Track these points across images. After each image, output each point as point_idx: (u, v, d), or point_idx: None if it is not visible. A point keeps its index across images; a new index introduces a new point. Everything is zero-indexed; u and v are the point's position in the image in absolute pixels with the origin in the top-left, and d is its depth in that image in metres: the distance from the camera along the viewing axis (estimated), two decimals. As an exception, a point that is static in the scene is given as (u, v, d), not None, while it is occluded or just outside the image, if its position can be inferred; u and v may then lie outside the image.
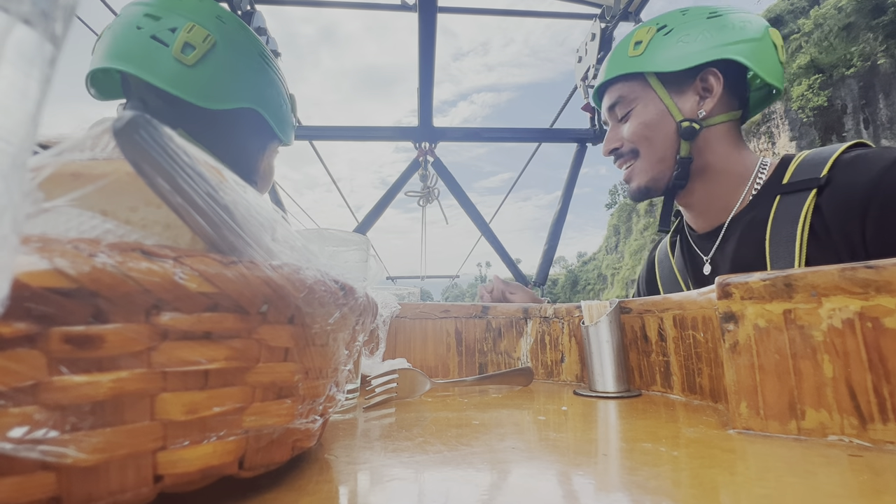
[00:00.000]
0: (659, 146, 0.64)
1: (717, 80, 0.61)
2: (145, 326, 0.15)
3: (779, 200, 0.57)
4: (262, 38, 1.58)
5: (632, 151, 0.66)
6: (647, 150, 0.65)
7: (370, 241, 0.44)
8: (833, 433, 0.27)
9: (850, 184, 0.52)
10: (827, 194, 0.54)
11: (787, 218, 0.56)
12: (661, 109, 0.64)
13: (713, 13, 0.63)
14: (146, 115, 0.14)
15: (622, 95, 0.67)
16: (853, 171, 0.53)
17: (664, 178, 0.65)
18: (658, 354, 0.47)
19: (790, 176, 0.58)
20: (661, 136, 0.63)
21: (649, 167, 0.65)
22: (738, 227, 0.62)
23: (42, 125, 0.13)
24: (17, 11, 0.12)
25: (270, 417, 0.18)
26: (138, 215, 0.18)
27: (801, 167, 0.58)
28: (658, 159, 0.64)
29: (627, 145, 0.66)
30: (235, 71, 0.59)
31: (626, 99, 0.66)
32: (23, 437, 0.13)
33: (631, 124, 0.65)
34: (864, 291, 0.26)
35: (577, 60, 1.86)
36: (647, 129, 0.64)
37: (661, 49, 0.63)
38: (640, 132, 0.64)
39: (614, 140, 0.68)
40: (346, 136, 1.98)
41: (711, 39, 0.61)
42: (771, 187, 0.60)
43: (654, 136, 0.64)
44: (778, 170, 0.61)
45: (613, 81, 0.68)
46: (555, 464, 0.24)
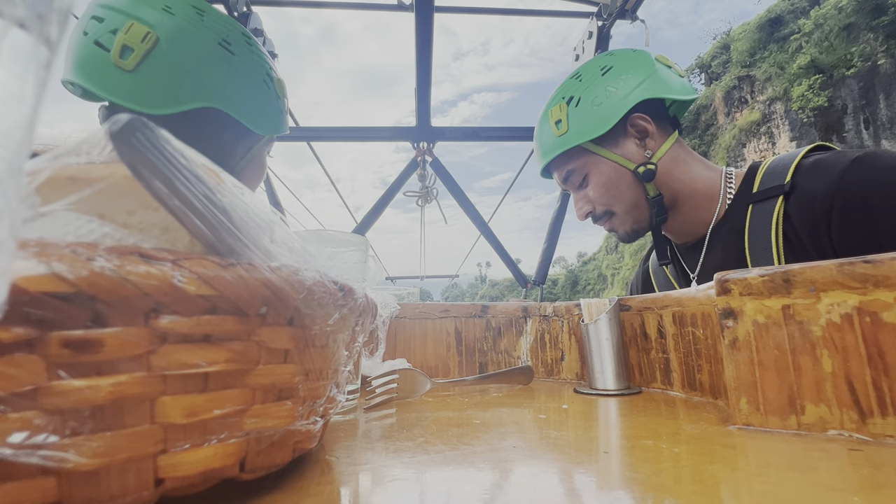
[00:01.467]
0: (628, 197, 0.67)
1: (645, 120, 0.65)
2: (144, 330, 0.15)
3: (751, 209, 0.60)
4: (259, 40, 1.58)
5: (605, 213, 0.69)
6: (619, 206, 0.68)
7: (369, 241, 0.44)
8: (833, 428, 0.27)
9: (811, 190, 0.54)
10: (793, 200, 0.56)
11: (760, 226, 0.58)
12: (613, 166, 0.66)
13: (604, 67, 0.66)
14: (142, 118, 0.14)
15: (571, 168, 0.69)
16: (813, 177, 0.55)
17: (645, 219, 0.68)
18: (658, 351, 0.47)
19: (758, 184, 0.61)
20: (625, 188, 0.66)
21: (627, 217, 0.68)
22: (718, 238, 0.64)
23: (38, 129, 0.13)
24: (11, 15, 0.12)
25: (271, 419, 0.18)
26: (136, 218, 0.18)
27: (767, 174, 0.60)
28: (632, 207, 0.67)
29: (599, 208, 0.69)
30: (183, 69, 0.52)
31: (577, 170, 0.69)
32: (23, 442, 0.13)
33: (593, 190, 0.68)
34: (863, 286, 0.26)
35: (575, 59, 1.86)
36: (611, 188, 0.67)
37: (580, 119, 0.65)
38: (605, 194, 0.67)
39: (585, 205, 0.71)
40: (344, 137, 1.98)
41: (617, 92, 0.64)
42: (743, 197, 0.62)
43: (619, 192, 0.67)
44: (747, 178, 0.63)
45: (555, 161, 0.71)
46: (556, 462, 0.24)
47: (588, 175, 0.68)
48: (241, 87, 0.56)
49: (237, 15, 1.54)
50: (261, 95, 0.58)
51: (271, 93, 0.60)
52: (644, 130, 0.65)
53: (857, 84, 16.68)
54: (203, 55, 0.53)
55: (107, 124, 0.14)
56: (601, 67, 0.66)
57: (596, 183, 0.67)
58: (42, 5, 0.13)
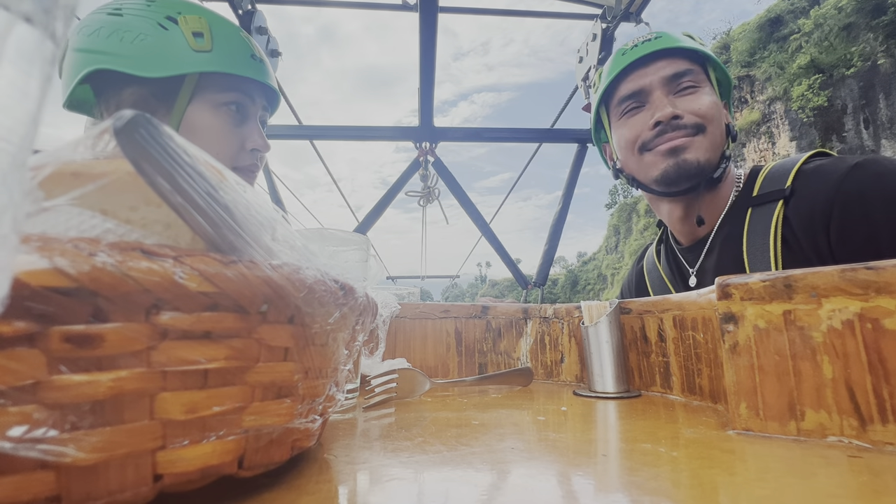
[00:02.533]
0: (719, 133, 0.63)
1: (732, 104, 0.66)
2: (145, 326, 0.15)
3: (750, 213, 0.60)
4: (263, 38, 1.57)
5: (696, 126, 0.62)
6: (712, 131, 0.62)
7: (370, 240, 0.44)
8: (832, 434, 0.27)
9: (811, 195, 0.54)
10: (792, 205, 0.56)
11: (759, 230, 0.58)
12: (720, 103, 0.64)
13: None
14: (146, 115, 0.14)
15: (691, 69, 0.64)
16: (813, 182, 0.55)
17: (713, 166, 0.62)
18: (658, 355, 0.47)
19: (758, 188, 0.61)
20: (721, 125, 0.63)
21: (711, 146, 0.62)
22: (718, 239, 0.64)
23: (42, 124, 0.13)
24: (17, 9, 0.12)
25: (270, 417, 0.18)
26: (138, 214, 0.18)
27: (768, 179, 0.60)
28: (717, 143, 0.63)
29: (692, 118, 0.62)
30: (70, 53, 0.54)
31: (695, 75, 0.63)
32: (22, 435, 0.13)
33: (702, 100, 0.62)
34: (864, 292, 0.26)
35: (578, 61, 1.86)
36: (717, 111, 0.63)
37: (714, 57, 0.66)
38: (713, 111, 0.62)
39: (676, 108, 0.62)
40: (346, 136, 1.98)
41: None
42: (743, 200, 0.62)
43: (719, 122, 0.63)
44: (748, 182, 0.63)
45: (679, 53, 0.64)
46: (554, 464, 0.24)
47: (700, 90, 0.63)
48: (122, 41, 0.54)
49: (241, 13, 1.54)
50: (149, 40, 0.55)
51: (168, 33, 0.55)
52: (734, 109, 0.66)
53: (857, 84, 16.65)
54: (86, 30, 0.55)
55: (111, 120, 0.14)
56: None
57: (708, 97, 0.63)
58: (48, 0, 0.13)
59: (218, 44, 0.58)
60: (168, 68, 0.55)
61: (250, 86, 0.61)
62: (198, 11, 0.58)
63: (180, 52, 0.55)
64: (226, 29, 0.59)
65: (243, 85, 0.60)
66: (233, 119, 0.61)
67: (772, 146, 19.86)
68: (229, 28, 0.60)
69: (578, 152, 2.05)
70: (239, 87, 0.60)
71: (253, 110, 0.63)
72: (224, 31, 0.59)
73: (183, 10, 0.57)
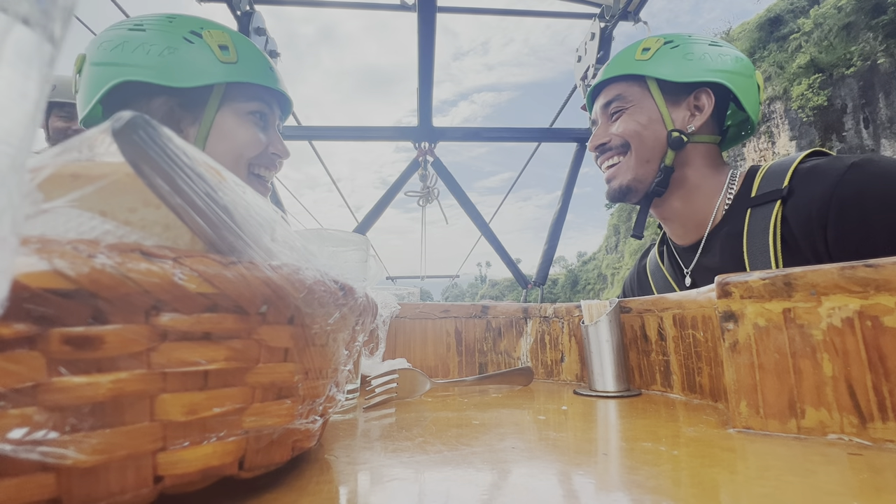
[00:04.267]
0: (648, 147, 0.66)
1: (709, 99, 0.65)
2: (145, 327, 0.15)
3: (750, 213, 0.60)
4: (262, 39, 1.57)
5: (622, 146, 0.68)
6: (637, 147, 0.67)
7: (370, 241, 0.43)
8: (833, 432, 0.27)
9: (808, 195, 0.55)
10: (790, 205, 0.57)
11: (758, 230, 0.58)
12: (656, 115, 0.66)
13: (714, 43, 0.68)
14: (145, 116, 0.14)
15: (620, 94, 0.69)
16: (810, 182, 0.56)
17: (646, 181, 0.67)
18: (658, 354, 0.47)
19: (757, 188, 0.61)
20: (652, 138, 0.66)
21: (635, 166, 0.67)
22: (716, 240, 0.65)
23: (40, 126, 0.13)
24: (15, 11, 0.12)
25: (270, 418, 0.18)
26: (137, 216, 0.18)
27: (766, 179, 0.61)
28: (645, 160, 0.67)
29: (617, 140, 0.68)
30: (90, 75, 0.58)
31: (624, 98, 0.68)
32: (23, 438, 0.13)
33: (624, 121, 0.67)
34: (864, 290, 0.26)
35: (577, 60, 1.86)
36: (641, 127, 0.66)
37: (666, 59, 0.66)
38: (633, 129, 0.66)
39: (603, 136, 0.70)
40: (345, 136, 1.98)
41: (712, 63, 0.65)
42: (741, 200, 0.63)
43: (645, 137, 0.66)
44: (746, 182, 0.64)
45: (614, 80, 0.70)
46: (555, 463, 0.24)
47: (628, 109, 0.68)
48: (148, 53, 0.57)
49: (240, 14, 1.54)
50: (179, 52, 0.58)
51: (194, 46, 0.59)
52: (701, 107, 0.66)
53: (857, 83, 16.63)
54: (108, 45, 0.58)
55: (110, 121, 0.14)
56: (711, 42, 0.68)
57: (631, 117, 0.67)
58: (46, 2, 0.13)
59: (242, 56, 0.62)
60: (197, 79, 0.58)
61: (270, 95, 0.65)
62: (219, 27, 0.63)
63: (208, 64, 0.59)
64: (246, 43, 0.64)
65: (265, 94, 0.64)
66: (257, 126, 0.64)
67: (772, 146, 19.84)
68: (248, 43, 0.65)
69: (577, 152, 2.05)
70: (261, 96, 0.64)
71: (272, 118, 0.67)
72: (245, 45, 0.64)
73: (205, 25, 0.61)
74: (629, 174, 0.67)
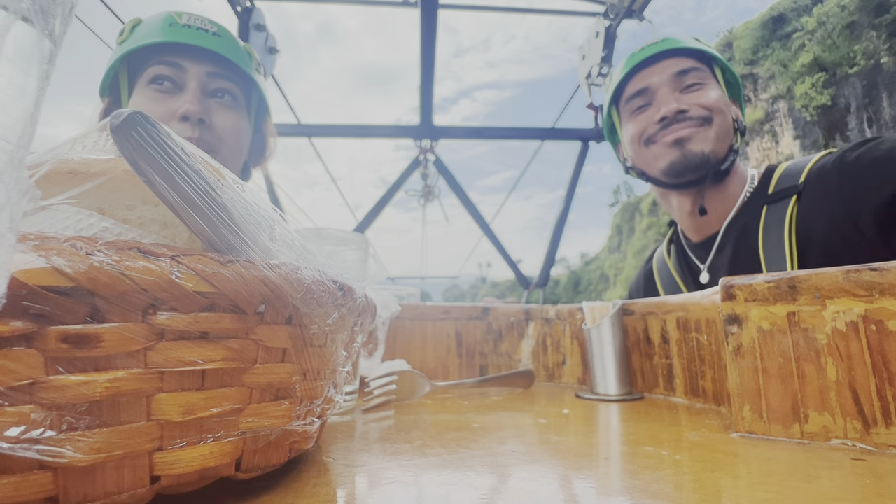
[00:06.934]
0: (727, 125, 0.65)
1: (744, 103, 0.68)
2: (142, 326, 0.15)
3: (766, 210, 0.61)
4: (262, 35, 1.57)
5: (703, 118, 0.64)
6: (719, 122, 0.64)
7: (370, 240, 0.43)
8: (836, 437, 0.26)
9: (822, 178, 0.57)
10: (805, 198, 0.58)
11: (774, 226, 0.59)
12: (727, 99, 0.67)
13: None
14: (143, 113, 0.14)
15: (696, 67, 0.67)
16: (823, 168, 0.58)
17: (720, 157, 0.64)
18: (661, 357, 0.46)
19: (774, 186, 0.62)
20: (727, 118, 0.66)
21: (717, 138, 0.64)
22: (731, 235, 0.65)
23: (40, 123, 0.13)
24: (15, 8, 0.12)
25: (268, 419, 0.18)
26: (135, 213, 0.18)
27: (783, 177, 0.62)
28: (724, 135, 0.65)
29: (699, 111, 0.64)
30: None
31: (701, 72, 0.66)
32: (20, 436, 0.12)
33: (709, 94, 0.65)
34: (869, 294, 0.26)
35: (581, 58, 1.86)
36: (724, 104, 0.65)
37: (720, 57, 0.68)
38: (719, 104, 0.65)
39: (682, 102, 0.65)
40: (347, 134, 1.99)
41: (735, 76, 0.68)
42: (758, 197, 0.63)
43: (726, 114, 0.65)
44: (763, 180, 0.65)
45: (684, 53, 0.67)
46: (556, 467, 0.23)
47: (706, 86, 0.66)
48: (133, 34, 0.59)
49: (240, 10, 1.55)
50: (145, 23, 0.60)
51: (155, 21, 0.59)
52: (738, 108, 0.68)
53: (861, 82, 16.54)
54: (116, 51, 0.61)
55: (108, 119, 0.14)
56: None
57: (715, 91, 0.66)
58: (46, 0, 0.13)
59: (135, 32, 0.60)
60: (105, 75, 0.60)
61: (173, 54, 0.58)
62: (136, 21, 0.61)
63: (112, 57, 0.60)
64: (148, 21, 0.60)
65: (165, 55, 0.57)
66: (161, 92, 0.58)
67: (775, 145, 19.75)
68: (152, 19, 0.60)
69: (581, 150, 2.05)
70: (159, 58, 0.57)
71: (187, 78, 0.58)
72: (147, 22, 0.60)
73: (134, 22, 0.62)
74: (710, 144, 0.63)
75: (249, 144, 0.68)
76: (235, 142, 0.62)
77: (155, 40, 0.56)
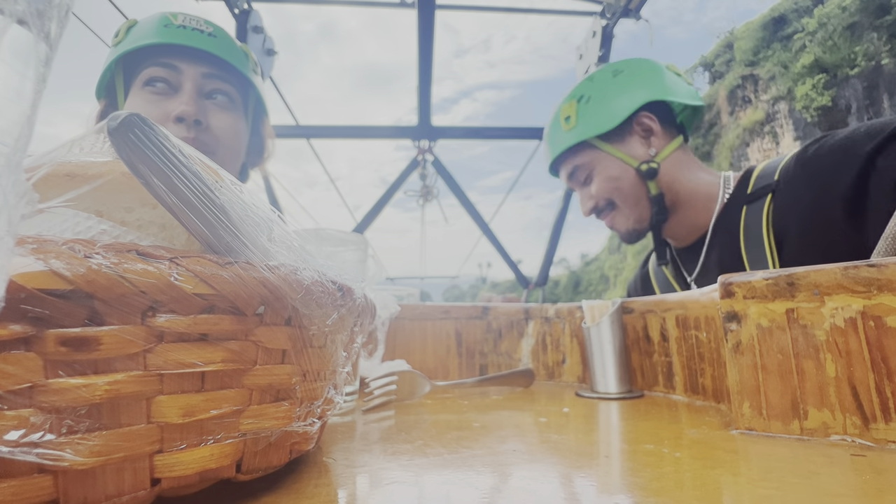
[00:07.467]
0: (630, 193, 0.68)
1: (650, 119, 0.67)
2: (141, 328, 0.15)
3: (745, 210, 0.62)
4: (259, 37, 1.57)
5: (608, 204, 0.71)
6: (621, 200, 0.69)
7: (369, 240, 0.43)
8: (836, 433, 0.26)
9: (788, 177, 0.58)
10: (778, 195, 0.58)
11: (753, 225, 0.60)
12: (617, 162, 0.69)
13: (616, 71, 0.70)
14: (140, 115, 0.14)
15: (577, 164, 0.71)
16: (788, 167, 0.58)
17: (646, 217, 0.69)
18: (660, 355, 0.46)
19: (752, 185, 0.63)
20: (629, 184, 0.68)
21: (629, 212, 0.69)
22: (716, 238, 0.66)
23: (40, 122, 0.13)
24: (11, 11, 0.12)
25: (268, 420, 0.18)
26: (134, 216, 0.18)
27: (760, 176, 0.63)
28: (634, 203, 0.69)
29: (602, 201, 0.71)
30: None
31: (583, 166, 0.71)
32: (19, 440, 0.12)
33: (597, 183, 0.70)
34: (867, 290, 0.26)
35: (578, 57, 1.86)
36: (614, 181, 0.69)
37: (589, 116, 0.69)
38: (608, 186, 0.69)
39: (588, 201, 0.73)
40: (344, 135, 1.99)
41: (627, 92, 0.67)
42: (737, 198, 0.64)
43: (622, 186, 0.69)
44: (742, 181, 0.65)
45: (562, 156, 0.73)
46: (556, 466, 0.23)
47: (593, 171, 0.70)
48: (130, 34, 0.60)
49: (237, 12, 1.54)
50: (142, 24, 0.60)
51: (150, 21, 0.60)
52: (649, 129, 0.67)
53: (861, 84, 16.53)
54: None
55: (105, 121, 0.14)
56: (613, 71, 0.70)
57: (600, 177, 0.69)
58: (41, 2, 0.13)
59: (130, 33, 0.59)
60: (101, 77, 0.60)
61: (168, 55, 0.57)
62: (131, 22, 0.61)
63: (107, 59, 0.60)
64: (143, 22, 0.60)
65: (160, 57, 0.57)
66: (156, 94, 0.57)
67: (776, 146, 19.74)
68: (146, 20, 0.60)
69: None
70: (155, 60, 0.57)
71: (182, 79, 0.58)
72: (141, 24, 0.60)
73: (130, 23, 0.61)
74: (627, 221, 0.70)
75: (247, 146, 0.68)
76: (232, 143, 0.62)
77: (150, 41, 0.56)
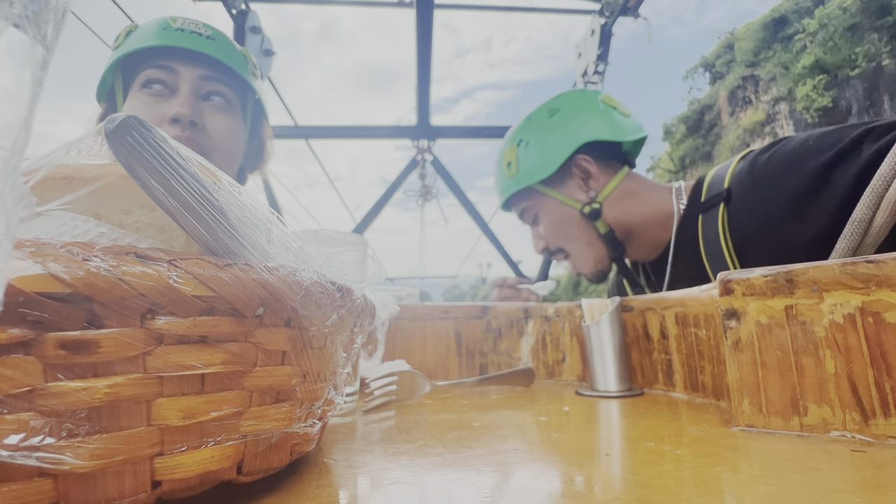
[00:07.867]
0: (579, 236, 0.69)
1: (587, 162, 0.67)
2: (140, 331, 0.14)
3: (701, 219, 0.62)
4: (258, 38, 1.57)
5: (558, 250, 0.72)
6: (571, 245, 0.70)
7: (368, 241, 0.43)
8: (835, 429, 0.26)
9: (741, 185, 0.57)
10: (731, 203, 0.59)
11: (711, 235, 0.60)
12: (560, 206, 0.69)
13: (552, 111, 0.70)
14: (137, 117, 0.14)
15: (523, 207, 0.73)
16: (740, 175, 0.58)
17: (603, 255, 0.69)
18: (660, 353, 0.46)
19: (705, 194, 0.63)
20: (575, 227, 0.68)
21: (583, 256, 0.70)
22: (679, 250, 0.66)
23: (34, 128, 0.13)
24: (7, 14, 0.12)
25: (268, 422, 0.18)
26: (132, 218, 0.18)
27: (711, 184, 0.63)
28: (585, 245, 0.69)
29: (553, 246, 0.72)
30: None
31: (528, 209, 0.72)
32: (19, 443, 0.12)
33: (544, 229, 0.71)
34: (865, 286, 0.26)
35: (577, 56, 1.86)
36: (560, 227, 0.69)
37: (528, 162, 0.69)
38: (555, 233, 0.70)
39: (539, 241, 0.74)
40: (344, 135, 1.99)
41: (563, 135, 0.67)
42: (693, 207, 0.64)
43: (569, 231, 0.69)
44: (695, 190, 0.65)
45: (510, 200, 0.74)
46: (557, 465, 0.23)
47: (538, 214, 0.71)
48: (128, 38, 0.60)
49: (235, 13, 1.54)
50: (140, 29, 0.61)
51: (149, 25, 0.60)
52: (587, 171, 0.67)
53: (862, 85, 16.53)
54: None
55: (103, 124, 0.14)
56: (549, 110, 0.70)
57: (545, 222, 0.70)
58: (37, 4, 0.12)
59: (129, 37, 0.60)
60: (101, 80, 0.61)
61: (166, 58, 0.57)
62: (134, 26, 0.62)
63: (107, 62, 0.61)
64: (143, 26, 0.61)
65: (158, 59, 0.57)
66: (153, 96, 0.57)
67: (777, 147, 19.66)
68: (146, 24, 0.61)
69: None
70: (152, 62, 0.57)
71: (179, 81, 0.58)
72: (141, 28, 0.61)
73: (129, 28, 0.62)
74: (586, 264, 0.70)
75: (245, 148, 0.67)
76: (229, 145, 0.62)
77: (148, 44, 0.57)
